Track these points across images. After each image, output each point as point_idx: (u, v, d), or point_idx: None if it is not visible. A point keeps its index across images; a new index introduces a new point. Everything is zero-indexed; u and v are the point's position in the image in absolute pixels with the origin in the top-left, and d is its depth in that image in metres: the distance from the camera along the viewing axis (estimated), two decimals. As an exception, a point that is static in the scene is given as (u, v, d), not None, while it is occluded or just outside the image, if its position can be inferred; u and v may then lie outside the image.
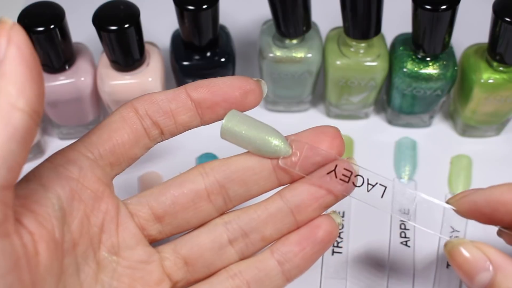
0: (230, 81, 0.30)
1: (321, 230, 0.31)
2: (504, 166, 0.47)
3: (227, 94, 0.30)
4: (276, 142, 0.30)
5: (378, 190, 0.31)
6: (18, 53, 0.23)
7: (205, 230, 0.31)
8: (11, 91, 0.23)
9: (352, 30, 0.42)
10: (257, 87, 0.31)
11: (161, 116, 0.30)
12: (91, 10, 0.40)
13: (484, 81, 0.43)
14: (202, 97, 0.30)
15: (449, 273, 0.42)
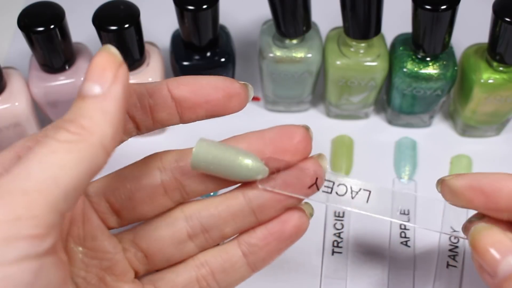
0: (215, 82, 0.29)
1: (289, 226, 0.30)
2: (504, 166, 0.47)
3: (210, 95, 0.29)
4: (250, 165, 0.28)
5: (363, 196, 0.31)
6: (122, 93, 0.24)
7: (165, 223, 0.31)
8: (107, 132, 0.23)
9: (352, 30, 0.42)
10: (243, 91, 0.29)
11: (139, 111, 0.29)
12: (91, 10, 0.40)
13: (484, 81, 0.43)
14: (183, 96, 0.29)
15: (449, 273, 0.42)
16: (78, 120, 0.23)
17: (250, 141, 0.29)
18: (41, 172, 0.22)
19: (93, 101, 0.24)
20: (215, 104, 0.29)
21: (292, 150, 0.29)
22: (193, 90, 0.29)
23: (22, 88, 0.43)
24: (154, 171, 0.30)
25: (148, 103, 0.29)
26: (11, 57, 0.53)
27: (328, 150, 0.48)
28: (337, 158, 0.47)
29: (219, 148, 0.28)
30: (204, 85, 0.29)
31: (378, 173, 0.47)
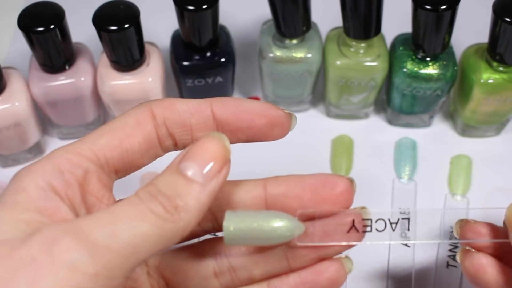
0: (259, 109, 0.28)
1: (324, 278, 0.29)
2: (504, 166, 0.47)
3: (252, 122, 0.28)
4: (284, 227, 0.27)
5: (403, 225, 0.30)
6: (218, 189, 0.24)
7: (193, 255, 0.30)
8: (192, 222, 0.24)
9: (352, 30, 0.42)
10: (287, 120, 0.29)
11: (179, 128, 0.28)
12: (91, 10, 0.40)
13: (484, 81, 0.43)
14: (226, 119, 0.28)
15: (449, 273, 0.42)
16: (174, 199, 0.24)
17: (289, 184, 0.29)
18: (127, 237, 0.22)
19: (192, 186, 0.24)
20: (257, 130, 0.28)
21: (332, 200, 0.28)
22: (237, 115, 0.28)
23: (22, 88, 0.43)
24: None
25: (190, 122, 0.28)
26: (11, 57, 0.53)
27: (328, 150, 0.48)
28: (337, 158, 0.47)
29: (250, 217, 0.27)
30: (248, 110, 0.28)
31: (378, 173, 0.47)
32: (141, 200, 0.23)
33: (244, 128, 0.28)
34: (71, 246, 0.21)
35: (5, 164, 0.47)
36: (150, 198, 0.23)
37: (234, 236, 0.26)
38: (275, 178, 0.29)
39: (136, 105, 0.28)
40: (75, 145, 0.26)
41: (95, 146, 0.26)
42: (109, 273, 0.22)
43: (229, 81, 0.47)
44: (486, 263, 0.31)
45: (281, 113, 0.28)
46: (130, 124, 0.27)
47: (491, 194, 0.46)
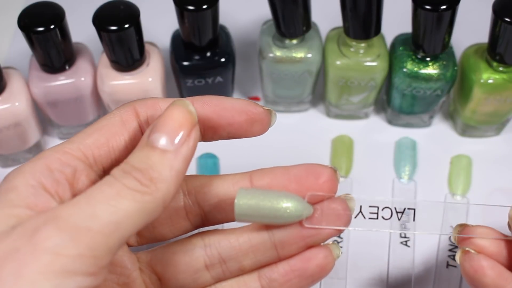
0: (239, 105, 0.29)
1: (313, 264, 0.30)
2: (504, 166, 0.47)
3: (233, 118, 0.29)
4: (294, 207, 0.28)
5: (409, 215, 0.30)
6: (191, 154, 0.25)
7: (183, 249, 0.31)
8: (171, 190, 0.24)
9: (352, 30, 0.42)
10: (266, 117, 0.29)
11: None
12: (91, 10, 0.40)
13: (484, 81, 0.43)
14: (207, 116, 0.29)
15: (449, 273, 0.42)
16: (147, 172, 0.24)
17: (275, 176, 0.30)
18: (107, 215, 0.23)
19: (164, 156, 0.24)
20: (238, 127, 0.29)
21: (316, 189, 0.29)
22: (217, 112, 0.29)
23: (22, 88, 0.43)
24: (178, 193, 0.30)
25: None
26: (11, 57, 0.53)
27: (328, 150, 0.48)
28: (337, 158, 0.47)
29: (260, 195, 0.28)
30: (228, 108, 0.29)
31: (378, 173, 0.47)
32: (116, 178, 0.24)
33: (225, 125, 0.29)
34: (51, 233, 0.22)
35: (5, 164, 0.47)
36: (124, 175, 0.24)
37: (244, 212, 0.27)
38: (261, 170, 0.30)
39: (120, 106, 0.29)
40: (63, 145, 0.27)
41: (83, 145, 0.27)
42: (93, 252, 0.22)
43: (229, 81, 0.47)
44: (486, 265, 0.31)
45: (260, 109, 0.29)
46: (116, 123, 0.28)
47: (491, 194, 0.46)
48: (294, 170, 0.30)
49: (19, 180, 0.25)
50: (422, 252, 0.43)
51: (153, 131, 0.25)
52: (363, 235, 0.44)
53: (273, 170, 0.30)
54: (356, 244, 0.43)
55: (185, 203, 0.30)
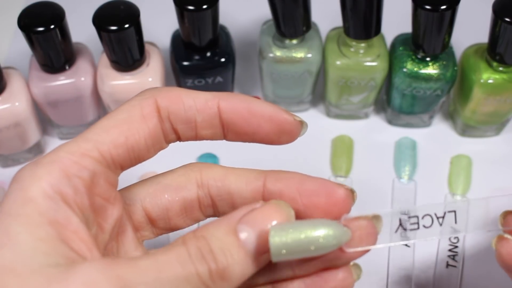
0: (269, 112, 0.27)
1: (330, 286, 0.28)
2: (504, 166, 0.47)
3: (261, 127, 0.27)
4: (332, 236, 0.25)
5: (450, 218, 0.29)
6: (265, 262, 0.24)
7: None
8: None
9: (352, 30, 0.42)
10: (296, 128, 0.27)
11: (183, 124, 0.27)
12: (91, 10, 0.40)
13: (484, 81, 0.43)
14: (233, 120, 0.27)
15: (449, 273, 0.42)
16: (223, 269, 0.23)
17: (288, 183, 0.28)
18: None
19: (244, 258, 0.23)
20: (263, 137, 0.27)
21: (325, 210, 0.27)
22: (244, 117, 0.27)
23: (22, 88, 0.43)
24: (192, 185, 0.29)
25: (195, 119, 0.27)
26: (11, 57, 0.53)
27: (328, 150, 0.48)
28: (337, 158, 0.47)
29: (295, 229, 0.25)
30: (257, 113, 0.27)
31: (378, 173, 0.47)
32: (190, 257, 0.23)
33: (250, 133, 0.27)
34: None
35: (5, 164, 0.47)
36: (200, 259, 0.23)
37: (281, 252, 0.25)
38: (276, 172, 0.28)
39: (140, 94, 0.27)
40: (79, 145, 0.25)
41: (100, 144, 0.25)
42: None
43: (229, 81, 0.47)
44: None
45: (291, 119, 0.27)
46: (135, 118, 0.26)
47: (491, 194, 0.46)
48: (309, 184, 0.27)
49: (35, 190, 0.23)
50: (422, 252, 0.43)
51: (244, 221, 0.23)
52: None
53: (287, 177, 0.28)
54: (356, 244, 0.43)
55: (198, 194, 0.29)
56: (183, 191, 0.29)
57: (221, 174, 0.29)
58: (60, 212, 0.23)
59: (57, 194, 0.23)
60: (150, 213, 0.29)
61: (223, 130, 0.27)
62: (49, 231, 0.22)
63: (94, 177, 0.25)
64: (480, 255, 0.43)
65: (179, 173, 0.29)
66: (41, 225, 0.22)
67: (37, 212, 0.23)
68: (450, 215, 0.29)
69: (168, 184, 0.29)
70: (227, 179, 0.29)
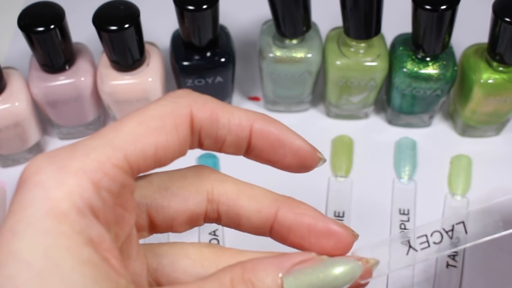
0: (298, 147, 0.27)
1: None
2: (504, 166, 0.47)
3: (285, 159, 0.27)
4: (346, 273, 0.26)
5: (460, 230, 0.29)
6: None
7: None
8: None
9: (352, 30, 0.42)
10: (316, 164, 0.27)
11: (211, 140, 0.26)
12: (91, 10, 0.40)
13: (484, 81, 0.43)
14: (261, 147, 0.26)
15: (449, 273, 0.42)
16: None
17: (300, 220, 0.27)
18: None
19: None
20: (283, 166, 0.27)
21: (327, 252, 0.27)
22: (273, 147, 0.26)
23: (22, 88, 0.43)
24: (202, 197, 0.28)
25: (225, 137, 0.26)
26: (11, 57, 0.53)
27: (328, 150, 0.48)
28: (337, 158, 0.47)
29: (308, 275, 0.25)
30: (287, 145, 0.26)
31: (378, 173, 0.47)
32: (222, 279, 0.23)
33: (273, 160, 0.27)
34: None
35: (5, 164, 0.47)
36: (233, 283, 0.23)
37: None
38: (291, 204, 0.28)
39: (175, 97, 0.25)
40: (108, 154, 0.22)
41: (130, 155, 0.23)
42: None
43: (229, 81, 0.47)
44: None
45: (316, 157, 0.27)
46: (168, 129, 0.24)
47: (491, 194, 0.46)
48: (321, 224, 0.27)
49: (67, 203, 0.21)
50: (422, 252, 0.43)
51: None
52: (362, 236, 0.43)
53: (301, 213, 0.27)
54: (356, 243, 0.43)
55: (207, 209, 0.28)
56: (192, 204, 0.28)
57: (234, 193, 0.28)
58: (94, 229, 0.21)
59: (88, 208, 0.21)
60: (154, 219, 0.28)
61: (246, 150, 0.27)
62: (91, 253, 0.21)
63: (122, 189, 0.23)
64: (480, 255, 0.43)
65: (189, 181, 0.28)
66: (82, 246, 0.20)
67: (74, 230, 0.20)
68: (459, 227, 0.29)
69: (177, 194, 0.27)
70: (239, 201, 0.28)
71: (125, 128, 0.23)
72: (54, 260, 0.20)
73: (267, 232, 0.28)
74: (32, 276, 0.19)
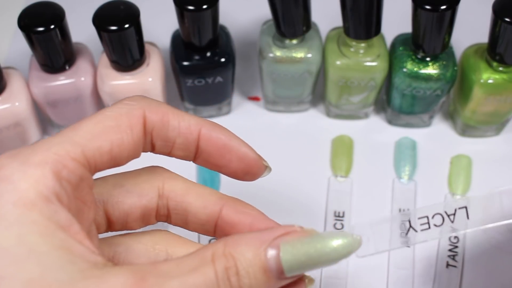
0: (244, 154, 0.28)
1: None
2: (504, 166, 0.47)
3: (231, 164, 0.28)
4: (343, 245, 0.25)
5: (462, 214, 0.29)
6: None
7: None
8: None
9: (352, 30, 0.42)
10: (261, 172, 0.29)
11: (162, 142, 0.28)
12: (91, 10, 0.40)
13: (484, 81, 0.43)
14: (209, 152, 0.28)
15: (449, 273, 0.42)
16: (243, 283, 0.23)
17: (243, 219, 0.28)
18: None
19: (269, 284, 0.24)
20: (229, 172, 0.28)
21: None
22: (220, 152, 0.28)
23: (22, 88, 0.43)
24: (154, 193, 0.29)
25: (175, 140, 0.28)
26: (11, 57, 0.53)
27: (328, 150, 0.48)
28: (337, 158, 0.47)
29: (305, 244, 0.25)
30: (233, 151, 0.28)
31: (378, 173, 0.47)
32: (217, 280, 0.23)
33: (220, 165, 0.28)
34: None
35: (5, 164, 0.47)
36: (226, 282, 0.23)
37: (294, 267, 0.25)
38: (235, 204, 0.29)
39: (130, 100, 0.27)
40: (66, 148, 0.24)
41: (87, 150, 0.24)
42: None
43: (229, 81, 0.47)
44: None
45: (261, 164, 0.28)
46: (123, 128, 0.26)
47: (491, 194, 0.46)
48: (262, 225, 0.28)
49: (33, 193, 0.22)
50: (422, 252, 0.43)
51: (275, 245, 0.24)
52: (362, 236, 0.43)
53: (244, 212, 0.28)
54: (356, 244, 0.43)
55: (158, 204, 0.29)
56: (145, 199, 0.29)
57: (182, 190, 0.29)
58: (62, 215, 0.22)
59: (54, 196, 0.22)
60: (110, 215, 0.29)
61: (195, 155, 0.28)
62: (63, 237, 0.22)
63: (80, 181, 0.24)
64: (480, 255, 0.43)
65: (143, 179, 0.29)
66: (53, 231, 0.22)
67: (44, 217, 0.22)
68: (461, 211, 0.29)
69: (131, 190, 0.29)
70: (187, 197, 0.29)
71: (83, 127, 0.25)
72: (28, 246, 0.21)
73: (212, 230, 0.29)
74: (9, 262, 0.21)
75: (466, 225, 0.29)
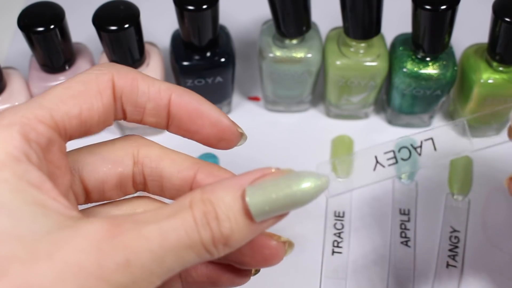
0: (216, 118, 0.28)
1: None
2: (504, 166, 0.47)
3: (203, 129, 0.28)
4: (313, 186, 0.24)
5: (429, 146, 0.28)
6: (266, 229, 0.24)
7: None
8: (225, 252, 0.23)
9: (352, 30, 0.42)
10: (236, 138, 0.29)
11: (132, 107, 0.27)
12: (91, 10, 0.40)
13: (484, 81, 0.43)
14: (179, 116, 0.28)
15: (449, 273, 0.42)
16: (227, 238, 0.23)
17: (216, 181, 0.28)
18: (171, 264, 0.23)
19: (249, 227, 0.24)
20: (204, 139, 0.28)
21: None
22: (192, 116, 0.28)
23: (22, 88, 0.43)
24: (129, 160, 0.29)
25: (145, 105, 0.28)
26: (11, 57, 0.53)
27: (328, 150, 0.48)
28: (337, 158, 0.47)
29: (272, 186, 0.24)
30: (204, 116, 0.28)
31: (378, 173, 0.47)
32: (196, 225, 0.23)
33: (192, 131, 0.28)
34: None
35: (5, 164, 0.47)
36: (205, 225, 0.23)
37: (261, 211, 0.24)
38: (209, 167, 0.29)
39: (98, 67, 0.27)
40: (34, 111, 0.24)
41: (55, 113, 0.25)
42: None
43: (229, 81, 0.47)
44: None
45: (234, 129, 0.28)
46: (92, 93, 0.26)
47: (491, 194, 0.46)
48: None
49: (2, 152, 0.22)
50: (422, 252, 0.43)
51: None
52: (363, 235, 0.44)
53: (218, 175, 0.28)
54: (356, 244, 0.43)
55: (133, 171, 0.29)
56: (120, 166, 0.29)
57: (157, 156, 0.29)
58: (33, 174, 0.23)
59: (23, 156, 0.23)
60: (87, 184, 0.29)
61: (167, 121, 0.28)
62: (36, 193, 0.22)
63: (49, 144, 0.24)
64: (480, 255, 0.43)
65: (118, 146, 0.29)
66: (25, 188, 0.22)
67: (15, 176, 0.22)
68: (428, 143, 0.29)
69: (106, 157, 0.29)
70: (161, 162, 0.29)
71: (52, 92, 0.25)
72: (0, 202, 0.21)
73: None
74: None
75: (434, 157, 0.29)
